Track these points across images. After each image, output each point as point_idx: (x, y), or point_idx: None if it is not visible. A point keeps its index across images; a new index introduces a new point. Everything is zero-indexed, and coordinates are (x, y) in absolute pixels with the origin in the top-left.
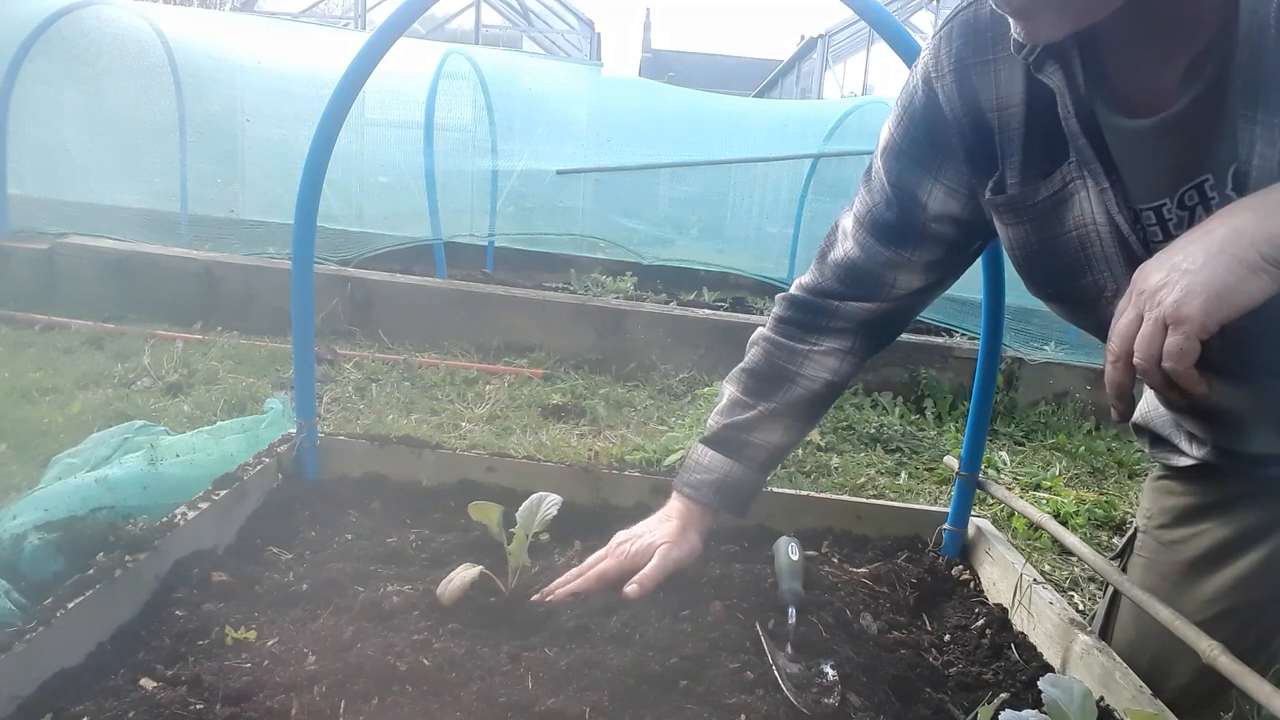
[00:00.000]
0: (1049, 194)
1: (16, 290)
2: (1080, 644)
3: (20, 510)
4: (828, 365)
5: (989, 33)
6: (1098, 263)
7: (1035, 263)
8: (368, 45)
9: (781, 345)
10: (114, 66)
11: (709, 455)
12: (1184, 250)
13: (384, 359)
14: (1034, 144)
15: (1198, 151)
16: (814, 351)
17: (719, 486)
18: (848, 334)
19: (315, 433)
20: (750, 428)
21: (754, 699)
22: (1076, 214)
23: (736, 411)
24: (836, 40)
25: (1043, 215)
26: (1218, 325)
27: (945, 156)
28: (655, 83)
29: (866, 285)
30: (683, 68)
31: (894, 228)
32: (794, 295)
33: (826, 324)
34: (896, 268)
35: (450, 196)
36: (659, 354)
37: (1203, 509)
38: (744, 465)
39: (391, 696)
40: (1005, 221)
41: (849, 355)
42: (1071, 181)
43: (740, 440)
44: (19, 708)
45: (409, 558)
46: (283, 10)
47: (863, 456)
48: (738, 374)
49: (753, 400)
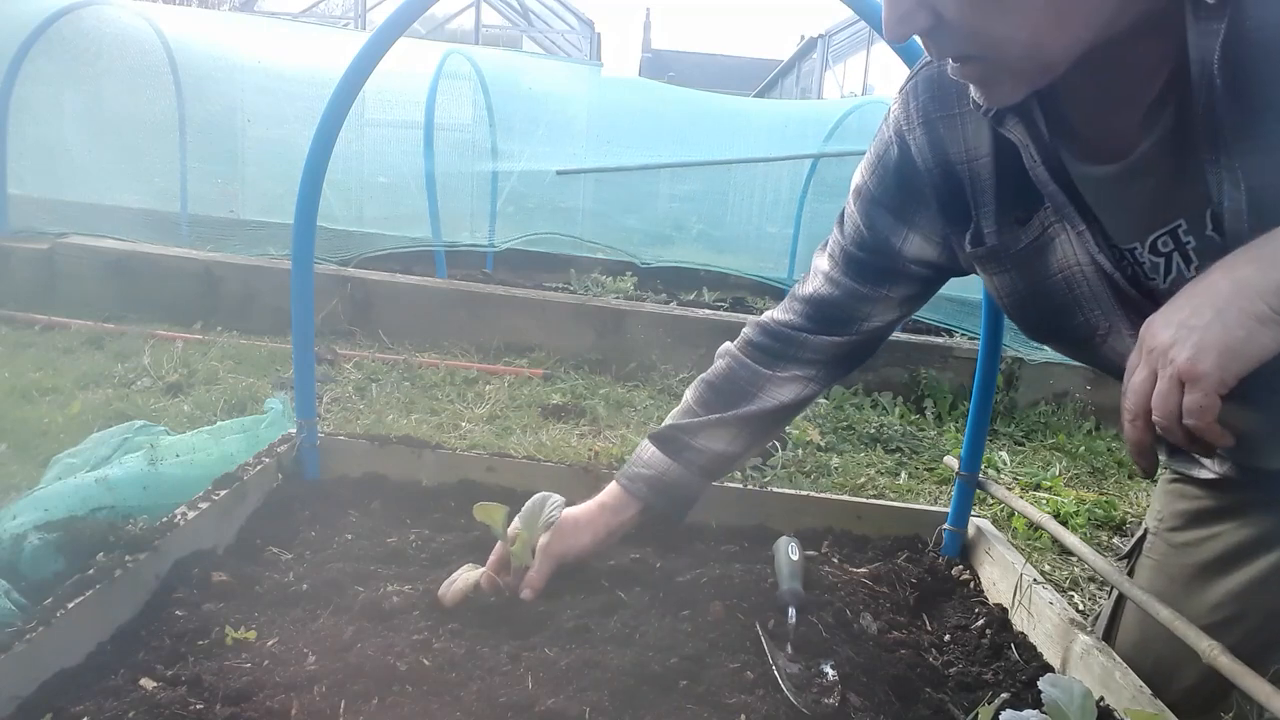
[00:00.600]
0: (1029, 240)
1: (16, 290)
2: (1080, 644)
3: (20, 510)
4: (788, 390)
5: (953, 89)
6: (1087, 303)
7: (1025, 308)
8: (368, 45)
9: (745, 365)
10: (114, 66)
11: (650, 451)
12: (1189, 305)
13: (384, 359)
14: (1006, 192)
15: (1167, 196)
16: (777, 377)
17: (654, 483)
18: (814, 364)
19: (315, 433)
20: (694, 432)
21: (754, 699)
22: (1060, 257)
23: (686, 415)
24: (836, 40)
25: (1026, 262)
26: (1235, 380)
27: (919, 205)
28: (655, 83)
29: (838, 321)
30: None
31: (869, 266)
32: (765, 323)
33: (794, 354)
34: (872, 302)
35: (450, 197)
36: (659, 354)
37: (1216, 512)
38: (683, 467)
39: (391, 696)
40: (989, 271)
41: (810, 382)
42: (1050, 226)
43: (683, 442)
44: (19, 708)
45: (409, 558)
46: (283, 10)
47: (863, 456)
48: (698, 383)
49: (703, 411)
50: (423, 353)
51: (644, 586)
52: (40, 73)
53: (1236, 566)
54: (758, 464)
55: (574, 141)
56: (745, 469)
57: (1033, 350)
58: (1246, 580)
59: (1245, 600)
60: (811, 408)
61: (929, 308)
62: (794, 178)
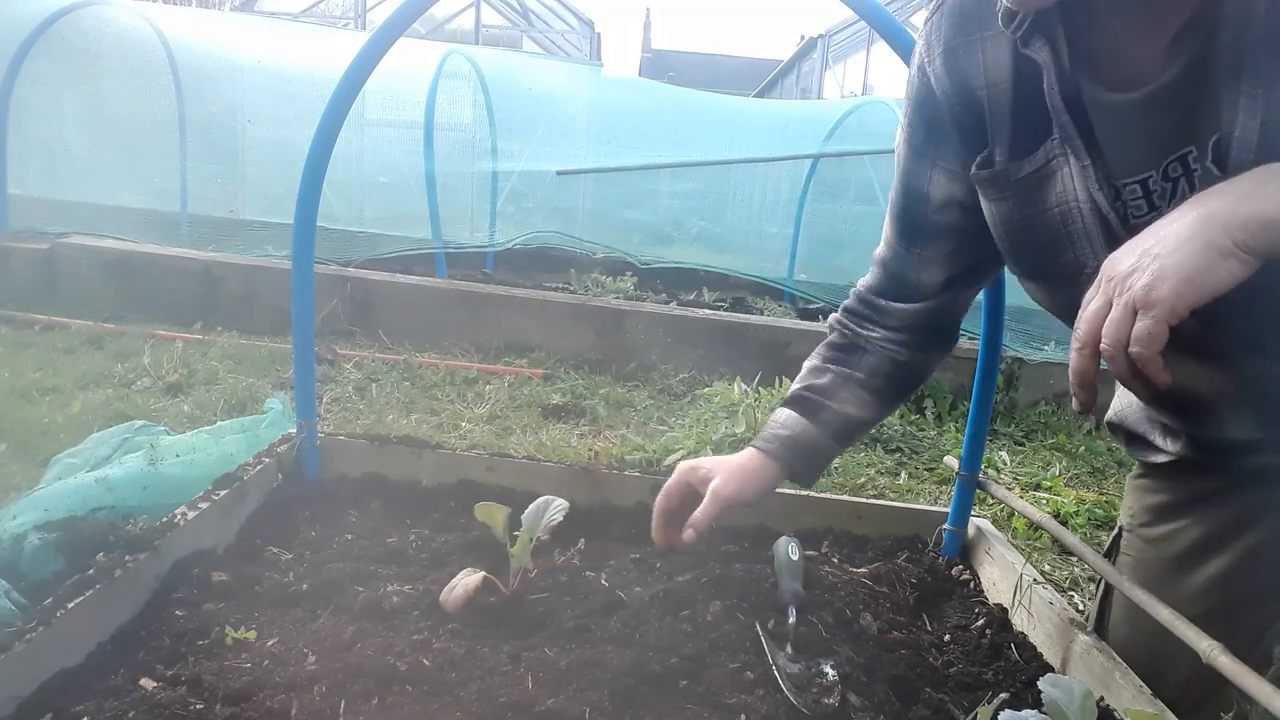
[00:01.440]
0: (1032, 170)
1: (16, 290)
2: (1080, 644)
3: (20, 510)
4: (889, 351)
5: (975, 14)
6: (1079, 239)
7: (1018, 239)
8: (368, 45)
9: (848, 329)
10: (114, 66)
11: (785, 413)
12: (1155, 236)
13: (384, 359)
14: (1021, 121)
15: (1182, 124)
16: (872, 339)
17: (790, 442)
18: (899, 331)
19: (315, 433)
20: (827, 392)
21: (754, 699)
22: (1059, 190)
23: (814, 376)
24: (836, 40)
25: (1026, 191)
26: (1187, 310)
27: (941, 140)
28: (655, 83)
29: (900, 284)
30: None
31: (908, 223)
32: (857, 290)
33: (879, 320)
34: (919, 265)
35: (450, 196)
36: (659, 354)
37: (1179, 505)
38: (818, 428)
39: (391, 696)
40: (989, 197)
41: (904, 348)
42: (1055, 158)
43: (816, 402)
44: (19, 708)
45: (409, 558)
46: (283, 10)
47: (863, 456)
48: (819, 348)
49: (831, 365)
50: (423, 353)
51: (644, 586)
52: (40, 73)
53: (1208, 558)
54: None
55: (574, 141)
56: None
57: (1033, 350)
58: (1220, 570)
59: (1222, 591)
60: None
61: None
62: (794, 178)
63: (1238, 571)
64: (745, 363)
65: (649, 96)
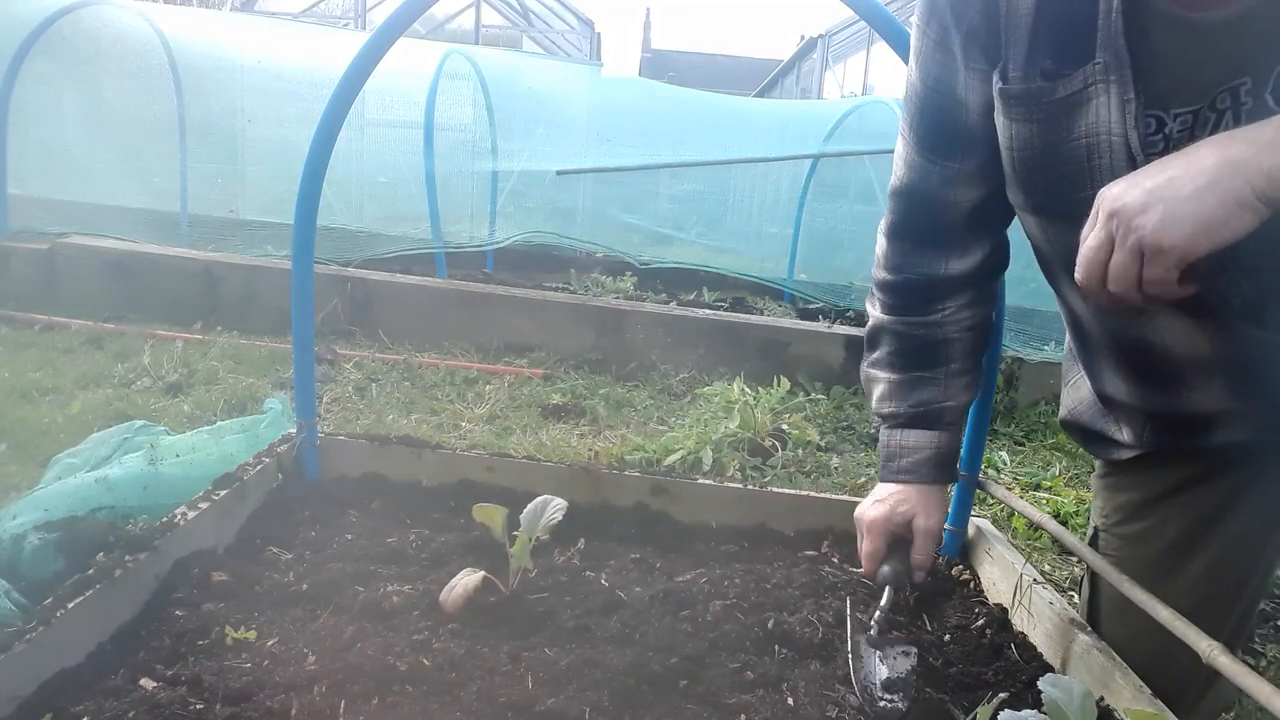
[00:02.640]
0: (1066, 94)
1: (16, 290)
2: (1080, 644)
3: (20, 510)
4: (965, 321)
5: None
6: (1102, 175)
7: (1032, 167)
8: (368, 45)
9: (910, 322)
10: (114, 66)
11: (911, 435)
12: (1164, 174)
13: (384, 359)
14: (1042, 37)
15: (1243, 53)
16: (946, 318)
17: (936, 461)
18: (961, 292)
19: (315, 433)
20: (938, 396)
21: (754, 699)
22: (1090, 120)
23: (914, 389)
24: (836, 40)
25: (1054, 117)
26: (1196, 258)
27: (973, 41)
28: (655, 82)
29: (929, 212)
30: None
31: (939, 132)
32: (889, 280)
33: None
34: (953, 181)
35: (450, 196)
36: (659, 354)
37: (1150, 501)
38: (946, 432)
39: (391, 696)
40: (1012, 117)
41: (974, 306)
42: (1092, 84)
43: (935, 411)
44: (19, 707)
45: (409, 558)
46: (283, 10)
47: (863, 456)
48: (885, 359)
49: (923, 371)
50: (423, 353)
51: (644, 586)
52: (40, 73)
53: (1195, 549)
54: (758, 464)
55: (574, 141)
56: (745, 469)
57: (1033, 350)
58: (1210, 561)
59: (1215, 580)
60: (811, 407)
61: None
62: (794, 178)
63: (1225, 561)
64: (745, 363)
65: (649, 96)
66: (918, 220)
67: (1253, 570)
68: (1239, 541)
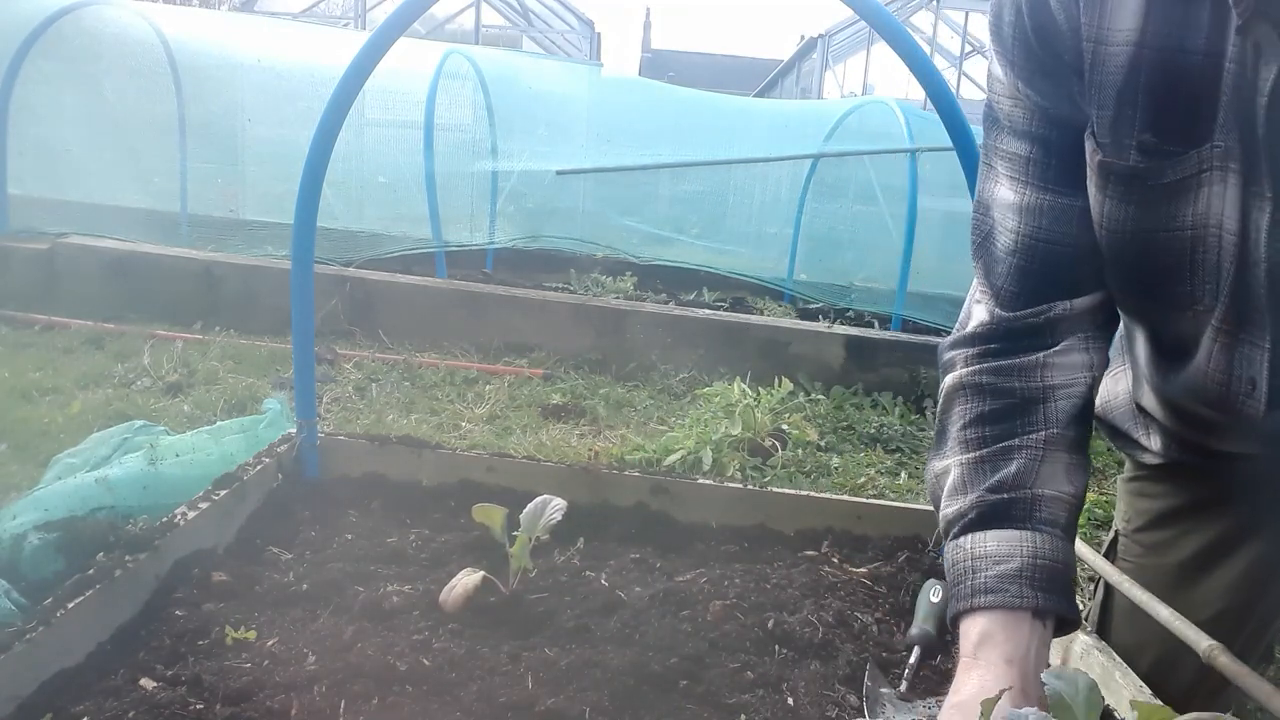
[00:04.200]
0: (1179, 178)
1: (16, 290)
2: (1080, 644)
3: (20, 510)
4: (1075, 361)
5: None
6: (1204, 272)
7: (1130, 253)
8: (368, 45)
9: (1001, 368)
10: (114, 66)
11: (990, 541)
12: None
13: (384, 359)
14: (1134, 103)
15: None
16: (1051, 356)
17: (1032, 572)
18: (1079, 326)
19: (315, 433)
20: (1026, 480)
21: (754, 699)
22: (1200, 211)
23: (991, 470)
24: (836, 40)
25: (1159, 201)
26: None
27: (1062, 66)
28: (655, 82)
29: (1055, 249)
30: (683, 68)
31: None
32: (980, 332)
33: (1045, 337)
34: (1079, 214)
35: (450, 196)
36: (659, 354)
37: (1176, 512)
38: (1046, 532)
39: (391, 696)
40: (1107, 194)
41: (1092, 343)
42: (1208, 170)
43: (1024, 501)
44: (19, 707)
45: (409, 558)
46: (283, 10)
47: (863, 456)
48: (958, 437)
49: (1007, 440)
50: (423, 353)
51: (644, 586)
52: (40, 73)
53: (1217, 565)
54: (758, 464)
55: (574, 141)
56: (745, 469)
57: None
58: (1232, 577)
59: (1226, 598)
60: (811, 407)
61: (928, 308)
62: (794, 178)
63: (1243, 581)
64: (745, 363)
65: (649, 96)
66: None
67: (1269, 592)
68: (1258, 563)
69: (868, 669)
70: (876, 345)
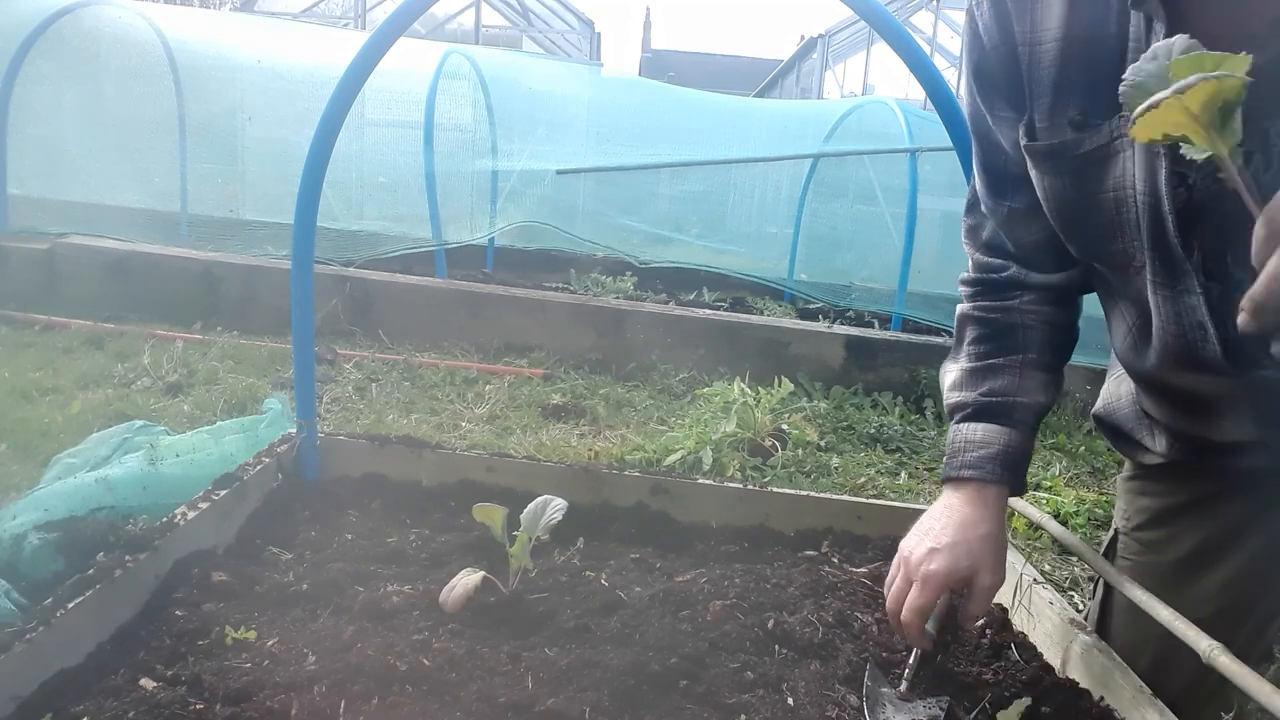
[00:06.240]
0: (1095, 147)
1: (16, 290)
2: (1080, 644)
3: (20, 510)
4: (1042, 310)
5: None
6: (1129, 229)
7: (1070, 219)
8: (368, 45)
9: (990, 306)
10: (114, 66)
11: (975, 429)
12: None
13: (384, 359)
14: (1068, 86)
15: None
16: (1025, 306)
17: (1004, 460)
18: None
19: (315, 433)
20: (1011, 389)
21: (754, 699)
22: (1117, 174)
23: (986, 377)
24: (836, 40)
25: (1083, 170)
26: None
27: (993, 90)
28: (655, 82)
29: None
30: (682, 68)
31: (990, 174)
32: (973, 276)
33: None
34: (1013, 220)
35: (450, 196)
36: (659, 354)
37: (1175, 509)
38: (1018, 431)
39: (391, 696)
40: (1043, 171)
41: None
42: (1119, 138)
43: (1007, 404)
44: (19, 707)
45: (409, 558)
46: (283, 10)
47: (863, 456)
48: (960, 350)
49: (995, 358)
50: (423, 353)
51: (644, 586)
52: (40, 73)
53: (1215, 562)
54: (758, 464)
55: (574, 141)
56: (745, 469)
57: None
58: (1229, 574)
59: (1224, 596)
60: (811, 408)
61: (928, 308)
62: (794, 178)
63: (1242, 577)
64: (745, 363)
65: (649, 96)
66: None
67: (1269, 588)
68: (1257, 559)
69: (868, 669)
70: (876, 345)
